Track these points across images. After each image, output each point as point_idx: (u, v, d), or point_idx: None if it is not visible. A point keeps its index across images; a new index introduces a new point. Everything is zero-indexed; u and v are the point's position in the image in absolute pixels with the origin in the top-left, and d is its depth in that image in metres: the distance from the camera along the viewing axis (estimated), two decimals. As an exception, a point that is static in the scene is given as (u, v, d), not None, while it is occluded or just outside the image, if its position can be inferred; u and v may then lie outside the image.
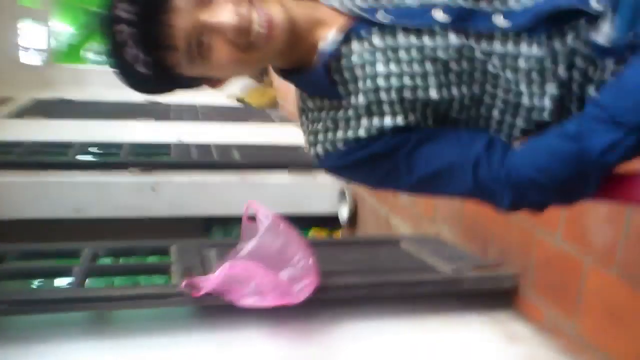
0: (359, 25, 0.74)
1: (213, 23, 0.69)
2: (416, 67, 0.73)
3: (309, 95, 0.80)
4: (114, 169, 2.77)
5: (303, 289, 1.44)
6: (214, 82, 0.80)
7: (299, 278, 1.46)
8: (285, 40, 0.72)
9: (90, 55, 7.50)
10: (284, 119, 4.03)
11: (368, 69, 0.73)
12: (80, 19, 7.13)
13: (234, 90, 4.98)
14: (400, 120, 0.73)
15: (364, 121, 0.73)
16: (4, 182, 2.61)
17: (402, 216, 2.44)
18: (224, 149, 3.12)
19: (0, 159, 2.74)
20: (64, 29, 7.49)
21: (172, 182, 2.79)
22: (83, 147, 3.00)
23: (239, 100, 4.76)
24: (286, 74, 0.81)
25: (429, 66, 0.72)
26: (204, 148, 3.11)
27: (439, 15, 0.73)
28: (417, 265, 1.72)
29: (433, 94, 0.72)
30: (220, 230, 2.99)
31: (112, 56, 0.70)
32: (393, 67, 0.73)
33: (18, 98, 4.22)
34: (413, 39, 0.73)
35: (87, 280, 1.51)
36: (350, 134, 0.74)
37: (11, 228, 2.56)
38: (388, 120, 0.73)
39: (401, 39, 0.73)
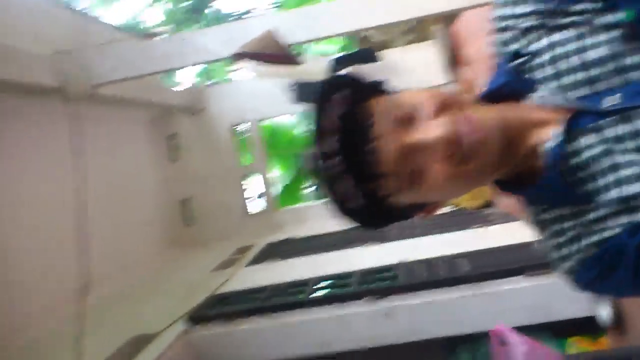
0: (582, 117, 0.67)
1: (419, 142, 0.65)
2: None
3: (544, 208, 0.72)
4: (349, 300, 2.84)
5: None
6: (429, 209, 0.75)
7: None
8: (500, 145, 0.66)
9: (306, 194, 8.24)
10: (505, 218, 3.82)
11: (608, 162, 0.64)
12: (291, 164, 7.97)
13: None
14: None
15: (612, 221, 0.64)
16: (257, 327, 2.83)
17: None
18: (450, 261, 3.03)
19: (250, 305, 2.99)
20: (279, 175, 8.41)
21: (404, 305, 2.75)
22: (317, 283, 3.15)
23: (454, 206, 4.68)
24: (508, 188, 0.74)
25: None
26: (430, 263, 3.05)
27: None
28: None
29: None
30: (467, 350, 2.81)
31: (325, 192, 0.69)
32: (636, 155, 0.64)
33: (255, 245, 4.70)
34: None
35: None
36: (595, 237, 0.65)
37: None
38: None
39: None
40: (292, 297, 3.03)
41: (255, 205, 6.71)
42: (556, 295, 2.59)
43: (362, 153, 0.66)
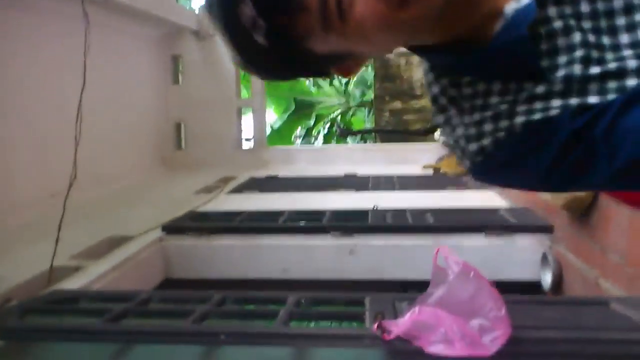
0: None
1: None
2: None
3: (470, 81, 0.62)
4: (317, 232, 3.01)
5: (494, 340, 1.39)
6: (346, 67, 0.63)
7: (489, 328, 1.42)
8: None
9: (296, 137, 8.40)
10: (482, 185, 3.98)
11: (577, 37, 0.57)
12: (286, 108, 8.07)
13: (429, 161, 5.09)
14: (611, 97, 0.55)
15: (557, 101, 0.56)
16: (227, 245, 3.00)
17: (614, 278, 2.21)
18: (419, 213, 3.19)
19: (225, 224, 3.17)
20: (274, 116, 8.52)
21: (369, 245, 2.92)
22: (291, 215, 3.31)
23: (435, 170, 4.84)
24: (440, 52, 0.63)
25: None
26: (399, 213, 3.22)
27: None
28: (628, 325, 1.55)
29: None
30: (416, 294, 3.00)
31: (225, 21, 0.55)
32: (606, 37, 0.57)
33: (239, 177, 4.86)
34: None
35: (291, 322, 1.67)
36: (537, 116, 0.57)
37: (232, 285, 2.92)
38: (594, 100, 0.56)
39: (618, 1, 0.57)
40: (264, 223, 3.19)
41: (247, 142, 6.85)
42: (509, 257, 2.78)
43: None
